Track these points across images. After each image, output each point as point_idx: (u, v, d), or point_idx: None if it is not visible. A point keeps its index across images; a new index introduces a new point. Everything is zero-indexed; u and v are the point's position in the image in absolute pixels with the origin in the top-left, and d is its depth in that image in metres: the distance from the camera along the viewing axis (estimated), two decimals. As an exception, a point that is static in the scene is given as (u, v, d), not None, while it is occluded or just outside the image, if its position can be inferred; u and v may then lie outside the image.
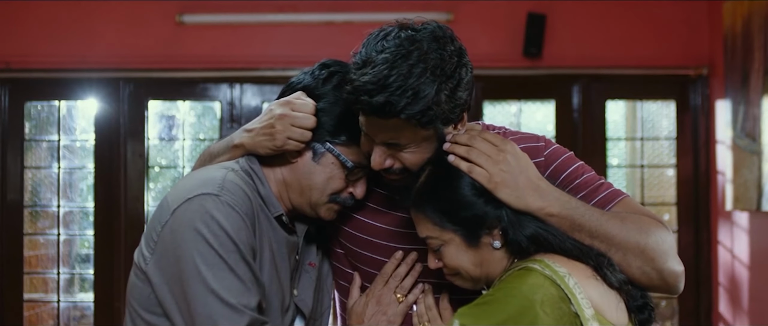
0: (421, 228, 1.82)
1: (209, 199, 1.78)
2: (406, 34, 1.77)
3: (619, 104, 5.78)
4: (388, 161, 1.84)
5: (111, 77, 5.35)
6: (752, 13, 4.63)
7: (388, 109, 1.72)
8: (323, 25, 5.24)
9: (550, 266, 1.70)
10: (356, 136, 1.87)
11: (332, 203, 1.94)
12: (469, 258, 1.79)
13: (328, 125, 1.89)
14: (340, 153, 1.90)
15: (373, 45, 1.78)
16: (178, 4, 5.30)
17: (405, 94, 1.71)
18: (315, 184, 1.92)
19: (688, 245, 5.36)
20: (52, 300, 5.48)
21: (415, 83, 1.72)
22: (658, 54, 5.35)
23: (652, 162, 5.59)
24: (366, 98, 1.73)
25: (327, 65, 1.95)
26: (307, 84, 1.92)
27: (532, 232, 1.77)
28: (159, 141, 5.73)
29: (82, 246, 5.72)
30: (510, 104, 5.58)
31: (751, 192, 4.62)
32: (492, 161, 1.78)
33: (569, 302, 1.66)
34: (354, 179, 1.93)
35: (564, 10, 5.32)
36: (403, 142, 1.80)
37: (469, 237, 1.78)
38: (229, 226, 1.76)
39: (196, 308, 1.74)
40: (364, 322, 2.00)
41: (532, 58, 5.30)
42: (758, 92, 4.56)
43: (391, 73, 1.72)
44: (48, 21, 5.34)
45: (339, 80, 1.89)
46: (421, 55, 1.74)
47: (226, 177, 1.84)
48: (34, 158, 5.51)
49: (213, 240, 1.75)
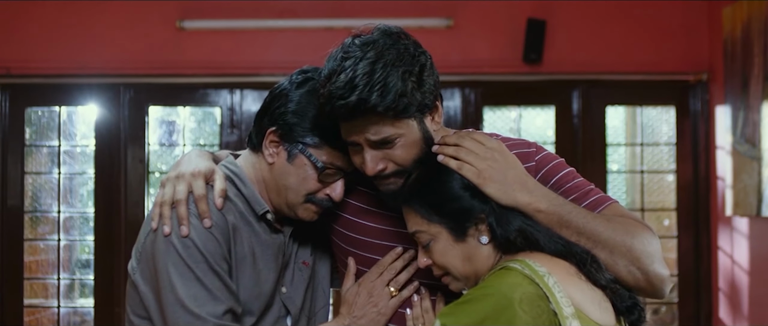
0: (411, 223, 1.86)
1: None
2: (360, 39, 1.88)
3: (618, 109, 5.78)
4: (380, 164, 1.88)
5: (111, 83, 5.36)
6: (751, 19, 4.64)
7: (362, 106, 1.80)
8: (323, 30, 5.25)
9: (529, 265, 1.72)
10: (328, 138, 1.94)
11: (309, 203, 1.99)
12: (457, 253, 1.82)
13: (300, 127, 1.95)
14: (311, 154, 1.95)
15: (334, 59, 1.86)
16: (178, 10, 5.30)
17: (374, 88, 1.80)
18: (290, 184, 1.98)
19: (688, 250, 5.36)
20: (53, 305, 5.48)
21: (381, 77, 1.80)
22: (658, 60, 5.35)
23: (652, 168, 5.59)
24: (341, 103, 1.80)
25: (304, 71, 2.03)
26: (283, 88, 2.00)
27: (518, 226, 1.79)
28: (159, 147, 5.74)
29: (82, 252, 5.72)
30: (510, 109, 5.59)
31: (751, 198, 4.62)
32: (480, 157, 1.83)
33: (547, 300, 1.67)
34: (328, 181, 1.98)
35: (564, 15, 5.32)
36: (388, 137, 1.86)
37: (456, 230, 1.81)
38: (197, 238, 1.87)
39: (167, 315, 1.87)
40: (353, 311, 2.02)
41: (532, 63, 5.30)
42: (758, 97, 4.56)
43: (356, 74, 1.80)
44: (48, 27, 5.34)
45: (312, 85, 1.96)
46: (379, 52, 1.83)
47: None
48: (35, 163, 5.51)
49: (183, 251, 1.87)
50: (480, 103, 5.31)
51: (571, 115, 5.39)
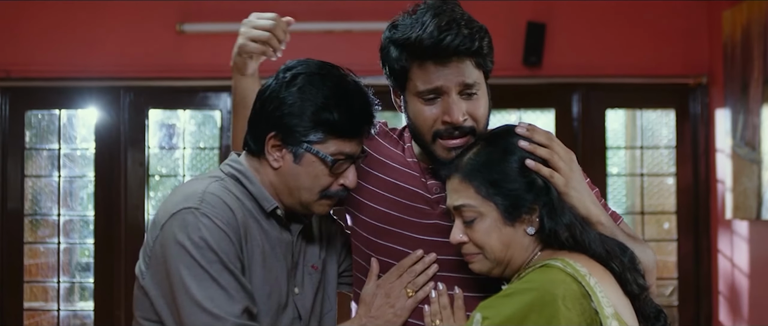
0: (461, 197, 1.84)
1: (190, 213, 1.86)
2: (432, 1, 1.93)
3: (618, 112, 5.78)
4: (463, 115, 1.92)
5: (111, 86, 5.36)
6: (751, 22, 4.64)
7: (466, 44, 1.87)
8: (323, 34, 5.25)
9: (570, 264, 1.72)
10: (331, 129, 1.92)
11: (324, 199, 1.97)
12: (501, 235, 1.81)
13: (301, 126, 1.92)
14: (318, 150, 1.92)
15: (422, 10, 1.91)
16: (178, 13, 5.31)
17: (477, 32, 1.90)
18: (302, 185, 1.95)
19: (688, 253, 5.36)
20: (52, 308, 5.48)
21: (478, 25, 1.92)
22: (658, 63, 5.35)
23: (652, 171, 5.59)
24: (450, 39, 1.85)
25: (290, 68, 2.00)
26: (273, 89, 1.97)
27: (569, 222, 1.80)
28: (159, 150, 5.74)
29: (82, 255, 5.71)
30: (510, 112, 5.58)
31: (751, 201, 4.62)
32: (567, 165, 1.87)
33: (589, 299, 1.68)
34: (339, 171, 1.96)
35: (564, 19, 5.33)
36: (475, 82, 1.92)
37: (509, 213, 1.81)
38: (209, 237, 1.84)
39: (183, 318, 1.84)
40: (371, 311, 2.02)
41: (532, 66, 5.30)
42: (757, 100, 4.56)
43: (460, 16, 1.89)
44: (48, 30, 5.35)
45: (304, 81, 1.94)
46: (458, 7, 1.94)
47: (206, 190, 1.91)
48: (35, 166, 5.51)
49: (195, 252, 1.83)
50: (480, 106, 5.31)
51: (571, 118, 5.39)
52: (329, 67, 1.99)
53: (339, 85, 1.95)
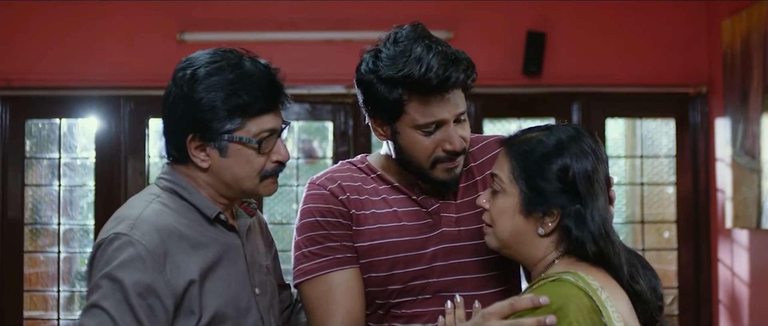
0: (498, 166, 1.90)
1: (116, 241, 1.83)
2: (410, 28, 2.02)
3: (618, 121, 5.78)
4: (462, 142, 2.01)
5: (112, 95, 5.37)
6: (751, 31, 4.65)
7: (462, 78, 1.96)
8: (323, 43, 5.26)
9: (583, 278, 1.74)
10: (247, 112, 1.89)
11: (265, 179, 1.96)
12: (512, 221, 1.85)
13: (216, 119, 1.89)
14: (241, 137, 1.90)
15: (402, 42, 1.99)
16: (178, 22, 5.32)
17: (468, 63, 1.99)
18: (238, 175, 1.94)
19: (688, 263, 5.35)
20: (52, 317, 5.47)
21: (462, 54, 2.00)
22: (658, 72, 5.36)
23: (652, 180, 5.59)
24: (454, 75, 1.94)
25: (183, 67, 1.94)
26: (175, 93, 1.93)
27: (597, 232, 1.81)
28: (159, 159, 5.73)
29: (82, 264, 5.71)
30: (509, 121, 5.59)
31: (751, 210, 4.62)
32: None
33: (600, 314, 1.70)
34: (268, 149, 1.94)
35: (564, 28, 5.34)
36: (464, 109, 2.01)
37: (527, 204, 1.84)
38: (131, 267, 1.80)
39: None
40: None
41: (532, 76, 5.31)
42: (757, 109, 4.57)
43: (452, 50, 1.97)
44: (49, 39, 5.35)
45: (203, 75, 1.90)
46: (429, 32, 2.03)
47: (141, 215, 1.87)
48: (35, 175, 5.51)
49: (118, 282, 1.79)
50: (480, 115, 5.31)
51: (571, 127, 5.38)
52: (222, 53, 1.95)
53: (237, 67, 1.92)
